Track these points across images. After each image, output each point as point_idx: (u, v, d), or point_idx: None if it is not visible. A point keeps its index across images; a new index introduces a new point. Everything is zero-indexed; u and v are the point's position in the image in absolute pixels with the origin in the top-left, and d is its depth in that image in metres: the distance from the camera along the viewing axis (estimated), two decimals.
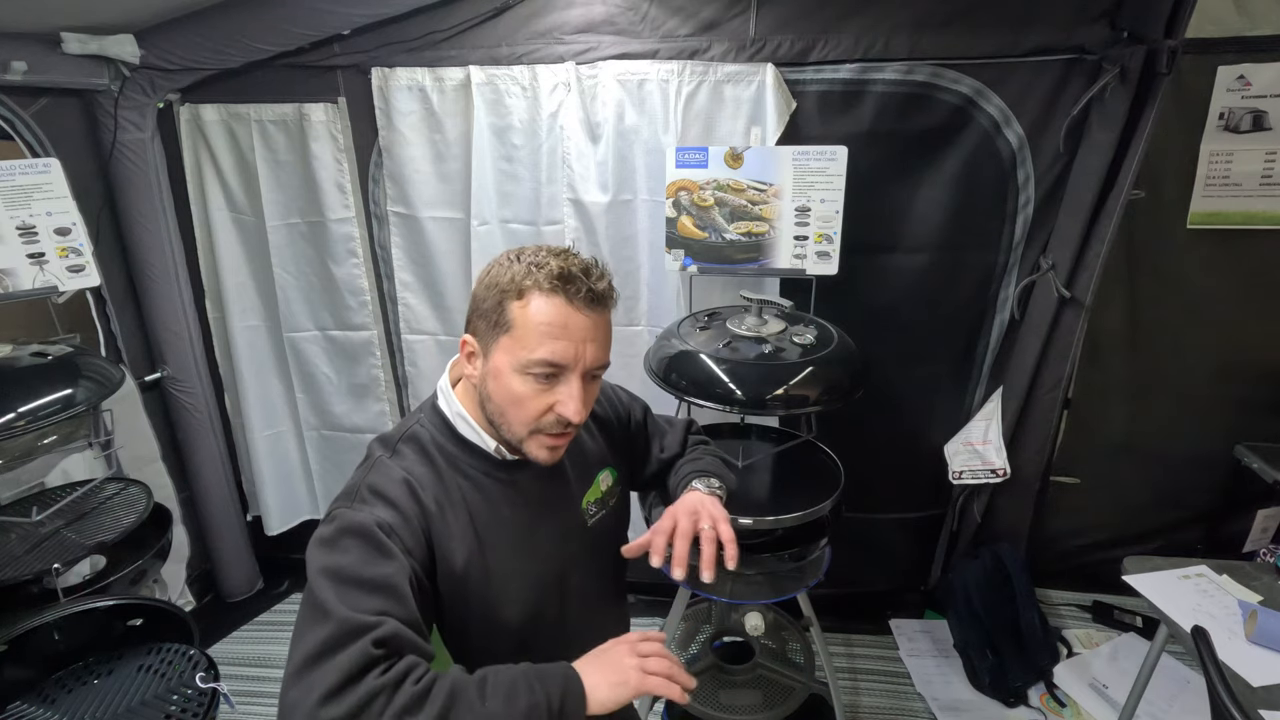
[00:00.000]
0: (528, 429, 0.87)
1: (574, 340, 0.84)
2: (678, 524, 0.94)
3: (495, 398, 0.88)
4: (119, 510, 1.79)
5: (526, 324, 0.83)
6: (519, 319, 0.84)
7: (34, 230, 1.71)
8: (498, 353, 0.86)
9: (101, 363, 1.81)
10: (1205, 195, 2.07)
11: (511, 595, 0.91)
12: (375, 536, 0.79)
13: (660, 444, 1.21)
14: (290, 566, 2.74)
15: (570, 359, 0.84)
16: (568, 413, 0.85)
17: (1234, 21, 1.90)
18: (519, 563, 0.92)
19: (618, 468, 1.09)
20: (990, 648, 2.20)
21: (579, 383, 0.86)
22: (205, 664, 1.44)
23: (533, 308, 0.83)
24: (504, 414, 0.88)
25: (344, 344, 2.46)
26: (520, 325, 0.84)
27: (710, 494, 1.03)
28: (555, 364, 0.84)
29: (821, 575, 1.79)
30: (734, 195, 1.91)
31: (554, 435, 0.88)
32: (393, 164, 2.19)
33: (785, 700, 1.94)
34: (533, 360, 0.83)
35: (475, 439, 0.93)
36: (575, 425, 0.88)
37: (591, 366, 0.86)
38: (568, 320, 0.83)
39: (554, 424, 0.87)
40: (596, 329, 0.86)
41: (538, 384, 0.85)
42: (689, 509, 0.97)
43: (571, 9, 2.01)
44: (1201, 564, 1.65)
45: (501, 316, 0.85)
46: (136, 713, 1.36)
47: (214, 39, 2.03)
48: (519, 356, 0.84)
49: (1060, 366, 2.15)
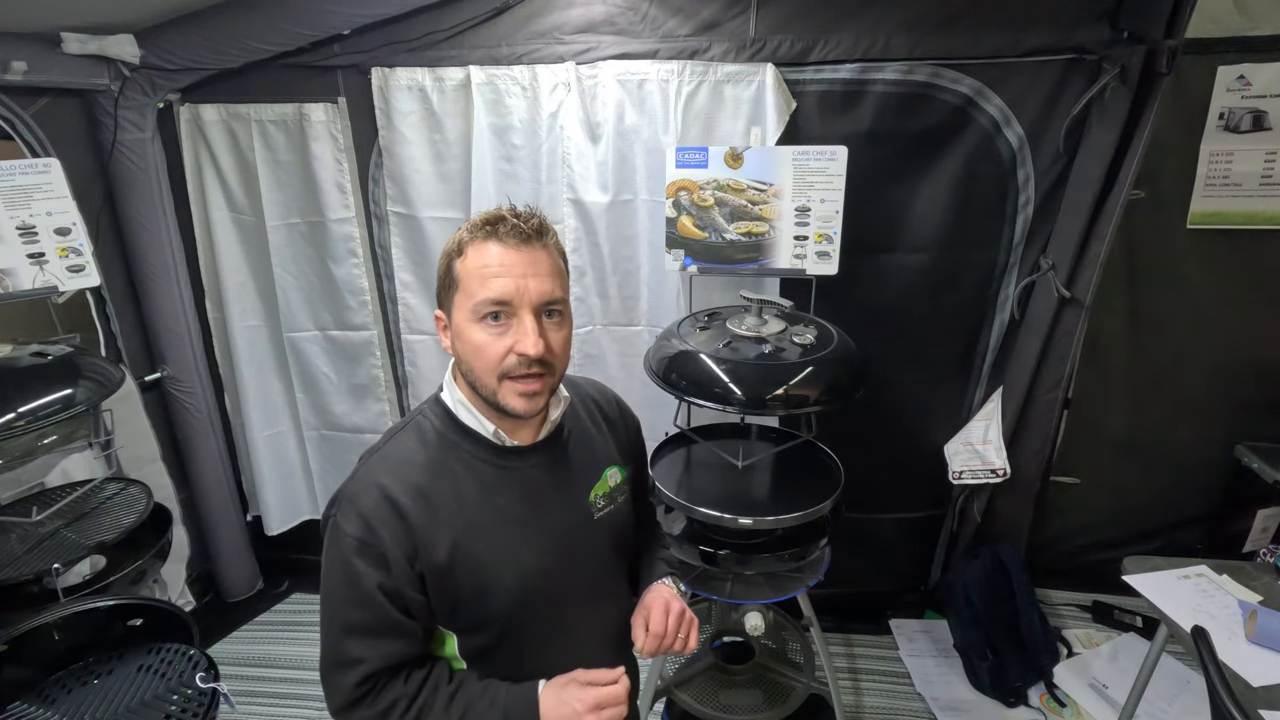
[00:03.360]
0: (494, 376, 0.88)
1: (513, 276, 0.86)
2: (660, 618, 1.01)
3: (464, 356, 0.91)
4: (119, 510, 1.79)
5: (468, 273, 0.88)
6: (462, 272, 0.88)
7: (34, 230, 1.71)
8: (455, 313, 0.90)
9: (101, 363, 1.81)
10: (1205, 195, 2.07)
11: (504, 585, 0.92)
12: (351, 566, 0.87)
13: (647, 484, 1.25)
14: (290, 566, 2.74)
15: (512, 293, 0.86)
16: (525, 347, 0.86)
17: (1234, 21, 1.90)
18: (513, 552, 0.93)
19: (626, 468, 1.09)
20: (990, 648, 2.20)
21: (530, 318, 0.87)
22: (205, 664, 1.44)
23: (469, 257, 0.88)
24: (473, 369, 0.90)
25: (344, 344, 2.46)
26: (464, 277, 0.88)
27: (676, 595, 1.09)
28: (499, 300, 0.86)
29: (821, 575, 1.79)
30: (734, 195, 1.91)
31: (521, 379, 0.88)
32: (393, 164, 2.19)
33: (785, 700, 1.94)
34: (479, 303, 0.86)
35: (475, 425, 0.94)
36: (545, 365, 0.89)
37: (538, 300, 0.88)
38: (503, 259, 0.87)
39: (517, 364, 0.88)
40: (534, 263, 0.88)
41: (493, 327, 0.87)
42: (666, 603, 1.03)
43: (571, 9, 2.01)
44: (1201, 564, 1.65)
45: (449, 276, 0.90)
46: (136, 713, 1.36)
47: (214, 39, 2.03)
48: (468, 306, 0.88)
49: (1060, 366, 2.15)
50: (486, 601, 0.91)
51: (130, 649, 1.49)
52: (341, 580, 0.87)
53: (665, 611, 1.00)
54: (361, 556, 0.86)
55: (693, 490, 1.76)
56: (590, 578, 1.02)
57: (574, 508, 1.00)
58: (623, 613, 1.07)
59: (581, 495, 1.01)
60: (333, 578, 0.89)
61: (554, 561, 0.96)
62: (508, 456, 0.95)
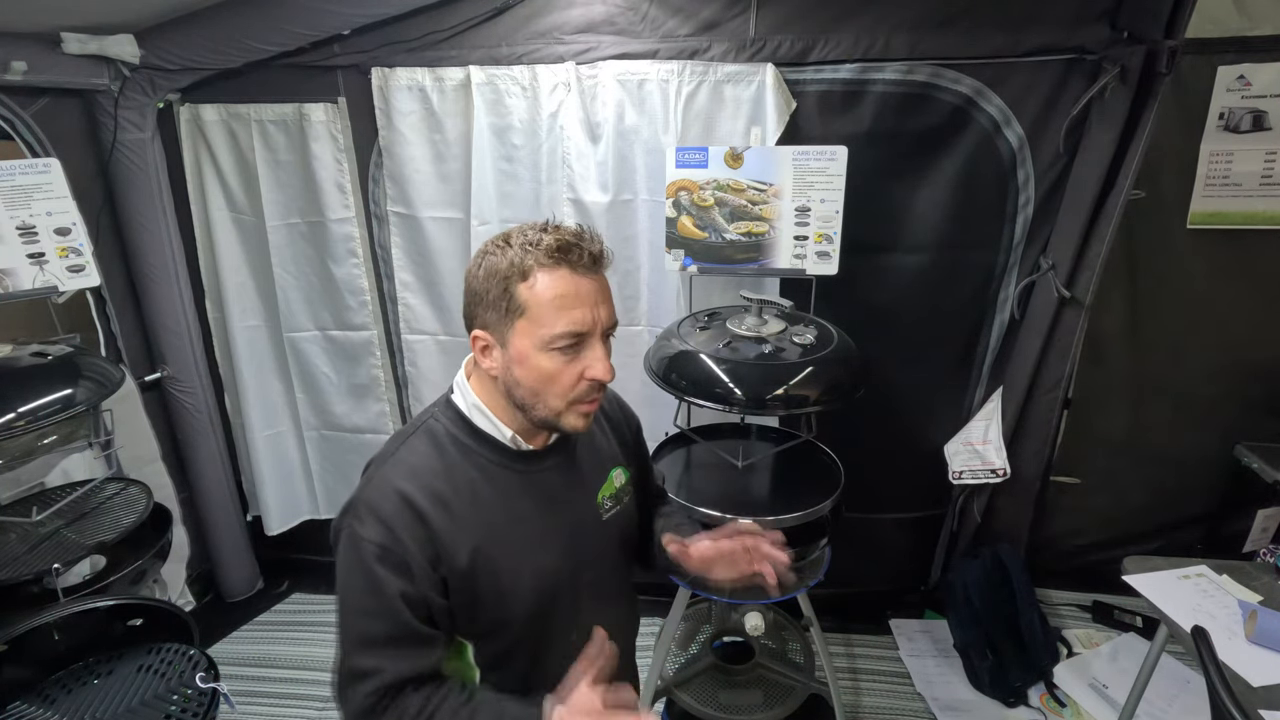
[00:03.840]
0: (565, 401, 0.88)
1: (587, 305, 0.85)
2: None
3: (525, 381, 0.88)
4: (119, 510, 1.80)
5: (539, 302, 0.84)
6: (529, 299, 0.85)
7: (34, 230, 1.71)
8: (516, 338, 0.86)
9: (101, 363, 1.81)
10: (1205, 195, 2.07)
11: (523, 588, 0.91)
12: (373, 574, 0.84)
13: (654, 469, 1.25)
14: (290, 566, 2.74)
15: (589, 324, 0.86)
16: (599, 374, 0.87)
17: (1234, 21, 1.90)
18: (531, 555, 0.93)
19: (629, 468, 1.10)
20: (990, 648, 2.20)
21: (601, 345, 0.88)
22: (205, 664, 1.45)
23: (540, 285, 0.84)
24: (538, 394, 0.88)
25: (344, 344, 2.46)
26: (533, 305, 0.85)
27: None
28: (577, 333, 0.85)
29: (821, 575, 1.79)
30: (734, 195, 1.91)
31: (589, 402, 0.90)
32: (393, 164, 2.19)
33: (785, 700, 1.94)
34: (555, 335, 0.85)
35: (491, 429, 0.93)
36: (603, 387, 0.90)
37: (608, 326, 0.89)
38: (577, 289, 0.85)
39: (588, 390, 0.89)
40: (603, 290, 0.88)
41: (564, 356, 0.86)
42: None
43: (571, 9, 2.01)
44: (1201, 564, 1.65)
45: (511, 302, 0.86)
46: (136, 713, 1.36)
47: (214, 39, 2.03)
48: (540, 335, 0.85)
49: (1060, 366, 2.15)
50: (506, 605, 0.91)
51: (130, 649, 1.49)
52: (362, 589, 0.84)
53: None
54: (384, 564, 0.83)
55: (693, 490, 1.76)
56: (601, 578, 1.02)
57: (585, 509, 1.01)
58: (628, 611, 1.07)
59: (591, 497, 1.02)
60: (352, 588, 0.85)
61: (568, 563, 0.96)
62: (523, 460, 0.95)
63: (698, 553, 1.01)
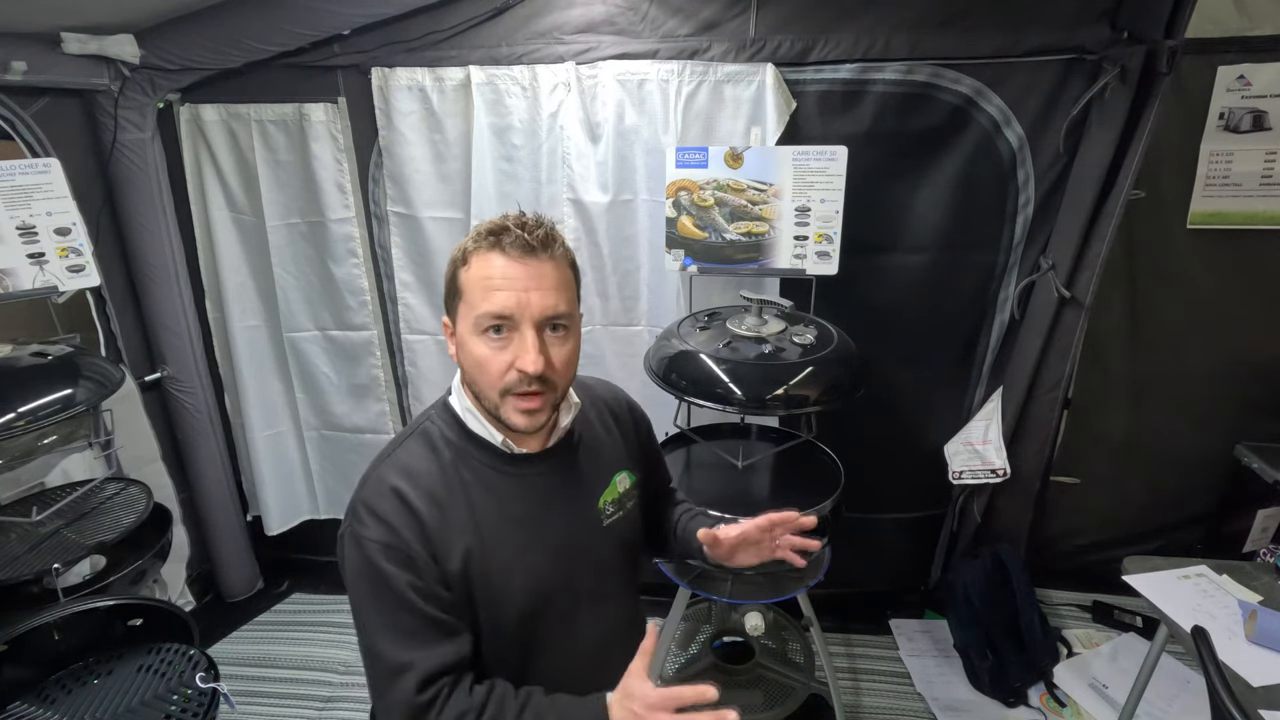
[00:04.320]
0: (497, 391, 0.87)
1: (514, 289, 0.84)
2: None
3: (466, 367, 0.90)
4: (119, 510, 1.80)
5: (471, 284, 0.86)
6: (465, 282, 0.87)
7: (34, 230, 1.71)
8: (459, 322, 0.89)
9: (101, 363, 1.81)
10: (1205, 195, 2.07)
11: (515, 590, 0.91)
12: (379, 571, 0.84)
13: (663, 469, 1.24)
14: (290, 566, 2.74)
15: (513, 307, 0.84)
16: (524, 364, 0.84)
17: (1234, 21, 1.90)
18: (523, 558, 0.92)
19: (635, 472, 1.09)
20: (990, 648, 2.20)
21: (532, 333, 0.85)
22: (205, 664, 1.45)
23: (474, 267, 0.86)
24: (476, 382, 0.89)
25: (344, 344, 2.46)
26: (467, 287, 0.87)
27: None
28: (500, 315, 0.84)
29: (821, 575, 1.79)
30: (734, 195, 1.91)
31: (523, 395, 0.87)
32: (393, 164, 2.19)
33: (785, 700, 1.94)
34: (480, 315, 0.85)
35: (483, 433, 0.93)
36: (545, 382, 0.87)
37: (540, 315, 0.85)
38: (505, 271, 0.84)
39: (518, 381, 0.86)
40: (539, 277, 0.85)
41: (494, 341, 0.86)
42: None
43: (571, 9, 2.01)
44: (1201, 564, 1.65)
45: (454, 285, 0.88)
46: (136, 713, 1.36)
47: (214, 39, 2.03)
48: (470, 318, 0.86)
49: (1060, 366, 2.15)
50: (497, 606, 0.91)
51: (130, 649, 1.49)
52: (371, 588, 0.84)
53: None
54: (388, 559, 0.84)
55: (693, 490, 1.77)
56: (596, 584, 1.01)
57: (583, 514, 1.00)
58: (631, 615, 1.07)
59: (591, 501, 1.01)
60: (360, 589, 0.85)
61: (561, 568, 0.96)
62: (517, 464, 0.94)
63: (726, 537, 1.03)
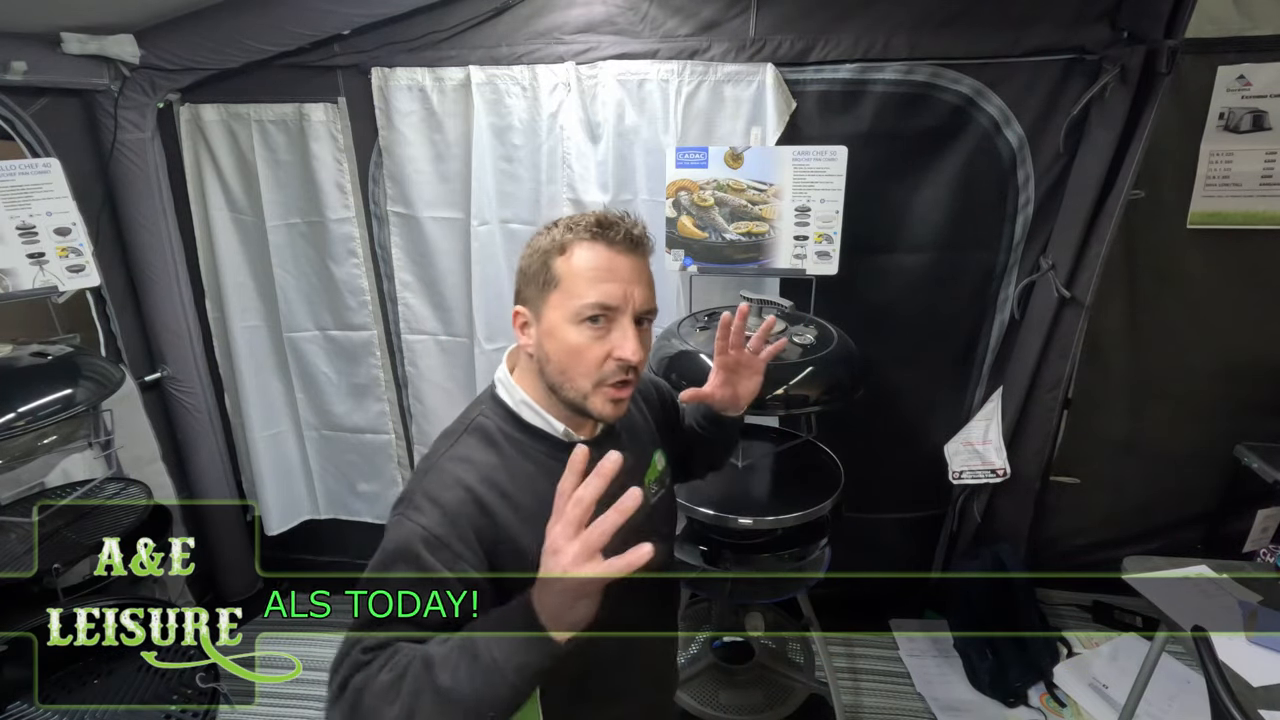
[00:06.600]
0: (591, 381, 0.87)
1: (620, 281, 0.86)
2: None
3: (554, 356, 0.88)
4: (119, 510, 1.79)
5: (573, 274, 0.86)
6: (565, 271, 0.87)
7: (34, 230, 1.71)
8: (549, 311, 0.88)
9: (101, 363, 1.81)
10: (1205, 195, 2.07)
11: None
12: (421, 560, 0.81)
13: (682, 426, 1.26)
14: (291, 566, 2.73)
15: (619, 299, 0.86)
16: (626, 353, 0.86)
17: (1234, 21, 1.90)
18: None
19: (667, 450, 1.11)
20: (990, 648, 2.20)
21: (632, 325, 0.87)
22: (205, 664, 1.44)
23: (576, 257, 0.86)
24: (565, 371, 0.88)
25: (344, 344, 2.46)
26: (567, 277, 0.86)
27: None
28: (606, 305, 0.85)
29: (821, 575, 1.79)
30: (734, 195, 1.91)
31: (616, 386, 0.88)
32: (393, 164, 2.19)
33: (785, 700, 1.94)
34: (584, 305, 0.85)
35: (541, 424, 0.93)
36: (636, 372, 0.89)
37: (641, 308, 0.88)
38: (611, 263, 0.86)
39: (615, 371, 0.87)
40: (640, 271, 0.88)
41: (593, 330, 0.86)
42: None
43: (571, 9, 2.01)
44: (1201, 564, 1.65)
45: (548, 274, 0.87)
46: (136, 713, 1.36)
47: (214, 39, 2.03)
48: (570, 306, 0.86)
49: (1060, 366, 2.15)
50: None
51: (130, 649, 1.49)
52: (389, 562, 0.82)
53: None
54: (429, 549, 0.81)
55: (693, 490, 1.76)
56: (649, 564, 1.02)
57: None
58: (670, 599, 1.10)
59: (639, 483, 1.02)
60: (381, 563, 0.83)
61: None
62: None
63: (713, 388, 1.09)
